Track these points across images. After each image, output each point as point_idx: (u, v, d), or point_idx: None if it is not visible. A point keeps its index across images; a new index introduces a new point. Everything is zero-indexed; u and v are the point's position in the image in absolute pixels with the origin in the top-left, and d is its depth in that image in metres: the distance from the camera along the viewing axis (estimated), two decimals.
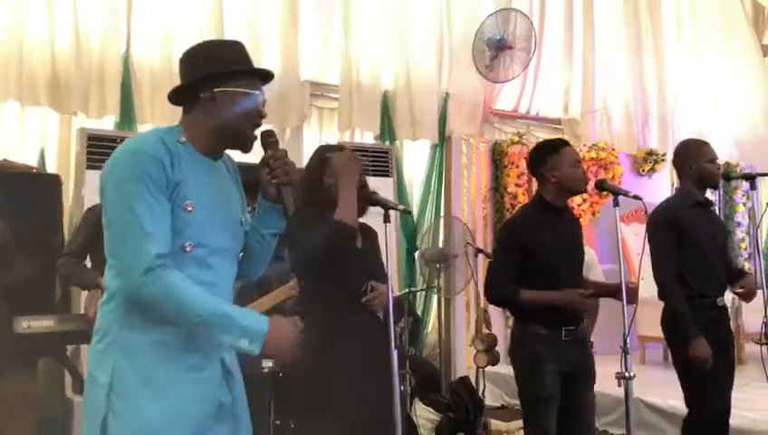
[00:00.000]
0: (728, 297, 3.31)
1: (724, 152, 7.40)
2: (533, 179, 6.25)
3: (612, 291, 2.89)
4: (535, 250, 2.82)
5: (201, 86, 1.71)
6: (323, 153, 2.53)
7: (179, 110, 1.79)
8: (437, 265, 5.15)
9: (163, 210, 1.59)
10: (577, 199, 6.00)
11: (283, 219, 1.83)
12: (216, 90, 1.69)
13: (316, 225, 2.31)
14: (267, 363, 3.52)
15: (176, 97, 1.78)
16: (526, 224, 2.93)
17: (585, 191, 2.93)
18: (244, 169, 1.92)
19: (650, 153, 7.30)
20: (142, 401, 1.58)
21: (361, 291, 2.31)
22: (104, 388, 1.58)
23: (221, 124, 1.71)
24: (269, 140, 1.79)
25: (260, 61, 5.36)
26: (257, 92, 1.73)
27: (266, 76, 1.80)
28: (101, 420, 1.57)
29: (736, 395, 3.24)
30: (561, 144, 2.96)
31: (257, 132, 1.77)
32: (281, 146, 1.82)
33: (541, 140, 6.86)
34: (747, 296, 3.24)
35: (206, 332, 1.59)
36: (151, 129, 1.80)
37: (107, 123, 4.85)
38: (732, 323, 3.39)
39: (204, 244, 1.67)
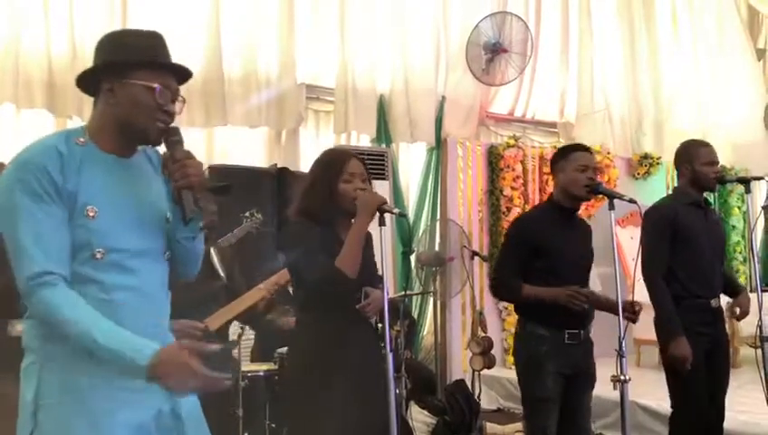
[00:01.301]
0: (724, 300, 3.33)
1: (720, 156, 7.41)
2: (529, 183, 6.38)
3: (607, 306, 2.89)
4: (541, 249, 2.85)
5: (103, 76, 1.63)
6: (339, 156, 2.43)
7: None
8: (433, 269, 5.16)
9: (51, 223, 1.49)
10: None
11: (184, 224, 1.66)
12: (115, 81, 1.60)
13: (318, 237, 2.28)
14: (262, 367, 3.52)
15: (85, 87, 1.70)
16: (534, 222, 2.98)
17: (587, 199, 2.93)
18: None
19: (645, 157, 7.32)
20: (67, 413, 1.50)
21: (355, 297, 2.29)
22: (30, 405, 1.51)
23: (118, 118, 1.61)
24: (171, 139, 1.65)
25: (256, 63, 5.39)
26: (156, 86, 1.59)
27: (178, 71, 1.67)
28: None
29: (730, 398, 3.24)
30: (573, 149, 2.99)
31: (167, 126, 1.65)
32: (278, 149, 1.78)
33: (536, 143, 6.93)
34: (741, 317, 3.26)
35: (93, 349, 1.47)
36: (49, 134, 1.71)
37: None
38: (726, 326, 3.40)
39: (117, 248, 1.56)
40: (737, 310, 3.25)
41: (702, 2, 8.43)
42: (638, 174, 7.28)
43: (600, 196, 2.93)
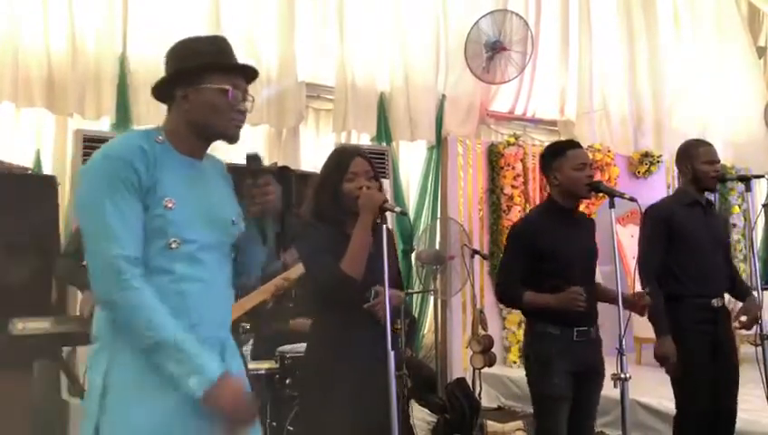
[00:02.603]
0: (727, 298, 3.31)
1: (720, 154, 7.41)
2: (530, 181, 6.38)
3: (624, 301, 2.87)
4: (545, 252, 2.81)
5: (175, 84, 1.70)
6: (344, 156, 2.43)
7: None
8: (434, 267, 5.16)
9: (133, 214, 1.58)
10: None
11: (263, 246, 1.82)
12: (188, 87, 1.68)
13: (326, 237, 2.28)
14: (263, 365, 3.52)
15: (159, 95, 1.76)
16: (534, 226, 2.92)
17: (587, 196, 2.91)
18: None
19: (646, 155, 7.32)
20: (132, 407, 1.57)
21: (365, 297, 2.28)
22: (97, 390, 1.58)
23: (193, 122, 1.69)
24: (252, 166, 1.78)
25: (258, 62, 5.37)
26: (229, 88, 1.68)
27: (245, 70, 1.75)
28: (95, 425, 1.57)
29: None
30: (568, 146, 2.93)
31: (242, 125, 1.73)
32: (278, 148, 1.80)
33: (536, 141, 6.92)
34: (749, 326, 3.19)
35: (156, 357, 1.54)
36: (131, 131, 1.80)
37: (103, 125, 4.84)
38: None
39: (190, 239, 1.64)
40: (744, 318, 3.21)
41: (702, 0, 8.42)
42: (639, 172, 7.28)
43: (601, 194, 2.92)
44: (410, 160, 6.32)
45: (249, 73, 1.76)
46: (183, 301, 1.60)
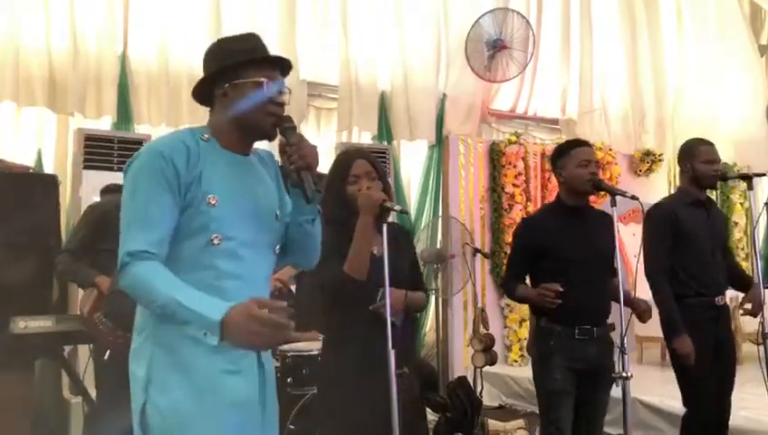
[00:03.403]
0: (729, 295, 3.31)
1: (722, 153, 7.39)
2: (531, 180, 6.37)
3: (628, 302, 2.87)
4: (546, 250, 2.86)
5: (214, 83, 1.75)
6: (345, 159, 2.44)
7: (177, 111, 1.81)
8: (435, 266, 5.15)
9: (164, 210, 1.62)
10: None
11: (307, 204, 1.78)
12: (226, 85, 1.73)
13: (330, 239, 2.24)
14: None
15: (200, 98, 1.82)
16: (537, 224, 3.00)
17: (592, 193, 2.94)
18: None
19: (648, 154, 7.32)
20: (178, 391, 1.61)
21: (373, 298, 2.27)
22: (141, 380, 1.62)
23: (235, 118, 1.73)
24: (285, 126, 1.77)
25: None
26: (264, 80, 1.72)
27: (280, 63, 1.80)
28: (140, 410, 1.61)
29: (733, 395, 3.24)
30: (573, 145, 2.97)
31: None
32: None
33: (537, 140, 6.92)
34: (755, 312, 3.19)
35: (173, 321, 1.56)
36: (178, 129, 1.85)
37: (104, 124, 4.84)
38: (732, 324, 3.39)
39: (232, 236, 1.67)
40: (748, 305, 3.21)
41: None
42: (641, 171, 7.28)
43: (603, 192, 2.93)
44: (411, 159, 6.32)
45: (284, 66, 1.80)
46: (223, 296, 1.59)
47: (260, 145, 1.88)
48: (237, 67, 1.72)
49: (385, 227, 2.21)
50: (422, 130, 6.13)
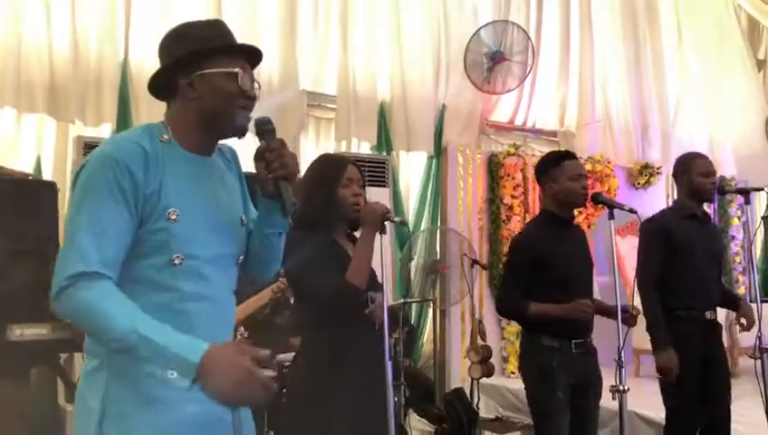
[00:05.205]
0: (722, 314, 3.33)
1: (721, 167, 7.44)
2: (529, 191, 6.38)
3: (609, 311, 2.88)
4: (544, 264, 2.84)
5: (177, 74, 1.55)
6: (340, 162, 2.44)
7: None
8: (432, 277, 5.15)
9: (118, 226, 1.42)
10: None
11: (284, 217, 1.64)
12: (193, 74, 1.53)
13: (318, 249, 2.26)
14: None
15: (157, 91, 1.61)
16: (533, 238, 2.95)
17: (584, 205, 2.95)
18: None
19: (646, 166, 7.33)
20: (136, 426, 1.43)
21: (360, 302, 2.28)
22: (96, 414, 1.43)
23: (202, 111, 1.54)
24: (265, 128, 1.60)
25: (259, 70, 5.37)
26: (239, 71, 1.54)
27: (250, 51, 1.61)
28: None
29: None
30: (563, 157, 2.97)
31: (250, 116, 1.60)
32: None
33: (536, 152, 6.94)
34: (749, 327, 3.23)
35: (130, 356, 1.34)
36: (136, 127, 1.63)
37: (104, 131, 4.85)
38: (726, 337, 3.41)
39: (195, 255, 1.50)
40: (744, 321, 3.23)
41: (703, 12, 8.45)
42: (638, 184, 7.29)
43: (601, 205, 2.94)
44: (410, 170, 6.32)
45: (254, 57, 1.63)
46: (187, 320, 1.47)
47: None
48: (207, 55, 1.53)
49: (382, 238, 2.24)
50: (421, 140, 6.14)
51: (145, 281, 1.47)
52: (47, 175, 4.66)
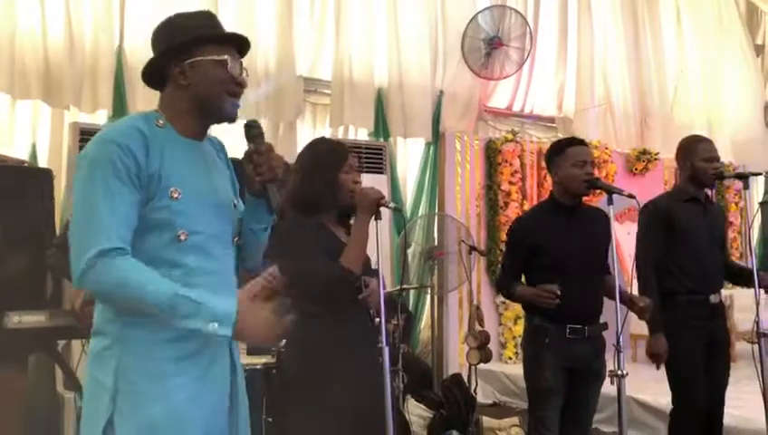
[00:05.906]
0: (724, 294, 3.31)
1: (720, 152, 7.41)
2: (527, 177, 6.37)
3: (631, 301, 2.87)
4: (540, 248, 2.87)
5: (169, 62, 1.62)
6: (341, 148, 2.46)
7: None
8: (430, 263, 5.15)
9: (127, 204, 1.50)
10: None
11: (269, 215, 1.76)
12: (184, 62, 1.60)
13: (312, 236, 2.27)
14: (260, 359, 3.51)
15: (150, 80, 1.69)
16: (530, 224, 3.01)
17: (585, 193, 2.93)
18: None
19: (643, 152, 7.32)
20: (149, 400, 1.51)
21: (355, 287, 2.28)
22: (108, 391, 1.51)
23: (194, 98, 1.62)
24: (253, 132, 1.68)
25: (255, 56, 5.35)
26: (227, 58, 1.62)
27: (238, 40, 1.68)
28: (105, 422, 1.50)
29: (726, 393, 3.25)
30: (568, 143, 2.96)
31: (240, 102, 1.68)
32: (275, 142, 1.77)
33: (534, 138, 6.92)
34: None
35: (168, 318, 1.46)
36: (130, 115, 1.73)
37: (99, 118, 4.82)
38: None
39: (198, 230, 1.58)
40: None
41: None
42: (636, 170, 7.28)
43: (599, 191, 2.93)
44: (408, 156, 6.30)
45: (243, 45, 1.70)
46: None
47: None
48: (197, 43, 1.61)
49: (378, 224, 2.25)
50: (418, 127, 6.12)
51: (150, 257, 1.53)
52: (43, 162, 4.64)
